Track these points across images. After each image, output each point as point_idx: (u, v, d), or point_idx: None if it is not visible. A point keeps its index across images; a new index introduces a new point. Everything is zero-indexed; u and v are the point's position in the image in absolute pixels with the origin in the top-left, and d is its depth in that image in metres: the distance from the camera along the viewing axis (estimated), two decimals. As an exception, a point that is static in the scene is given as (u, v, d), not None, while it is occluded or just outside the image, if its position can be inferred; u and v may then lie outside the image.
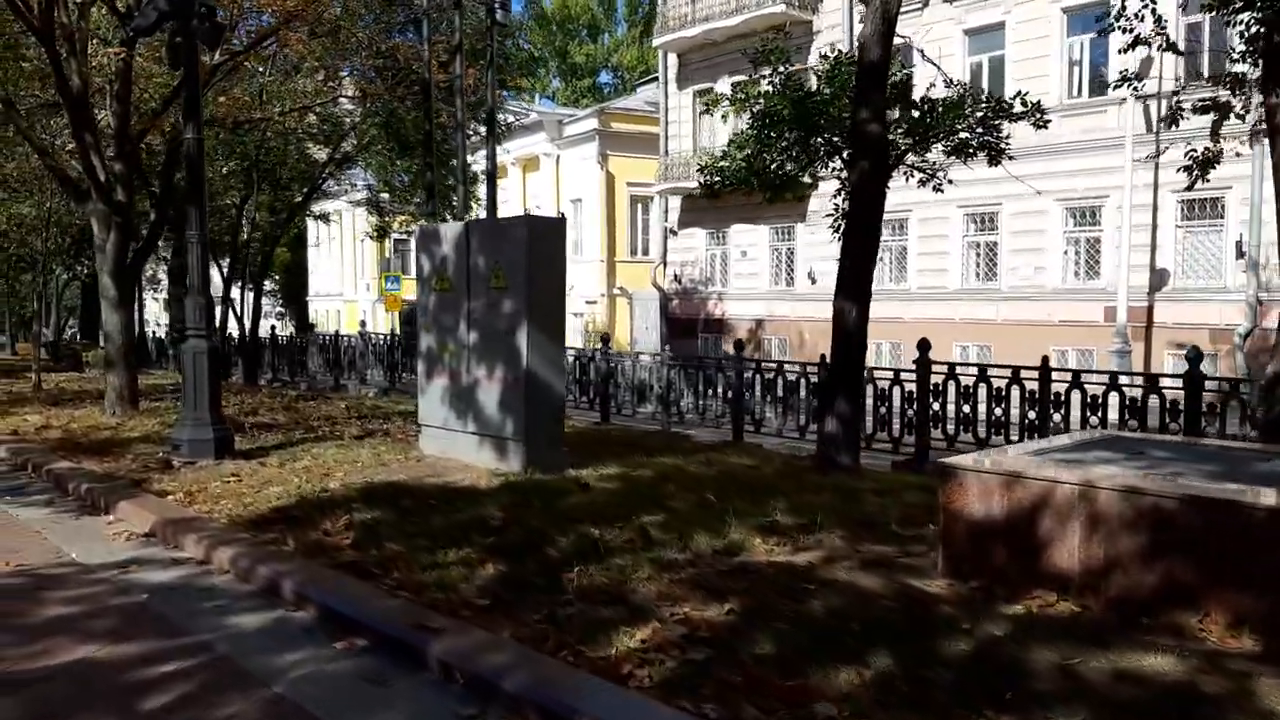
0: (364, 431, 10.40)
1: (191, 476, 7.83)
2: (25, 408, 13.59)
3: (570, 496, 6.75)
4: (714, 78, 30.01)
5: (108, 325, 12.18)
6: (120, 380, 12.12)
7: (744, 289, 28.95)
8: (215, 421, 8.57)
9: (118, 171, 11.81)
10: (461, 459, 8.54)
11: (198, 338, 8.54)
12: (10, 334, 43.82)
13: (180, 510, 6.63)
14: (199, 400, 8.49)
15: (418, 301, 9.18)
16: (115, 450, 9.32)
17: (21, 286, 32.33)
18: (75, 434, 10.52)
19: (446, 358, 8.78)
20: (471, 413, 8.49)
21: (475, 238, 8.44)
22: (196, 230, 8.53)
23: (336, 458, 8.66)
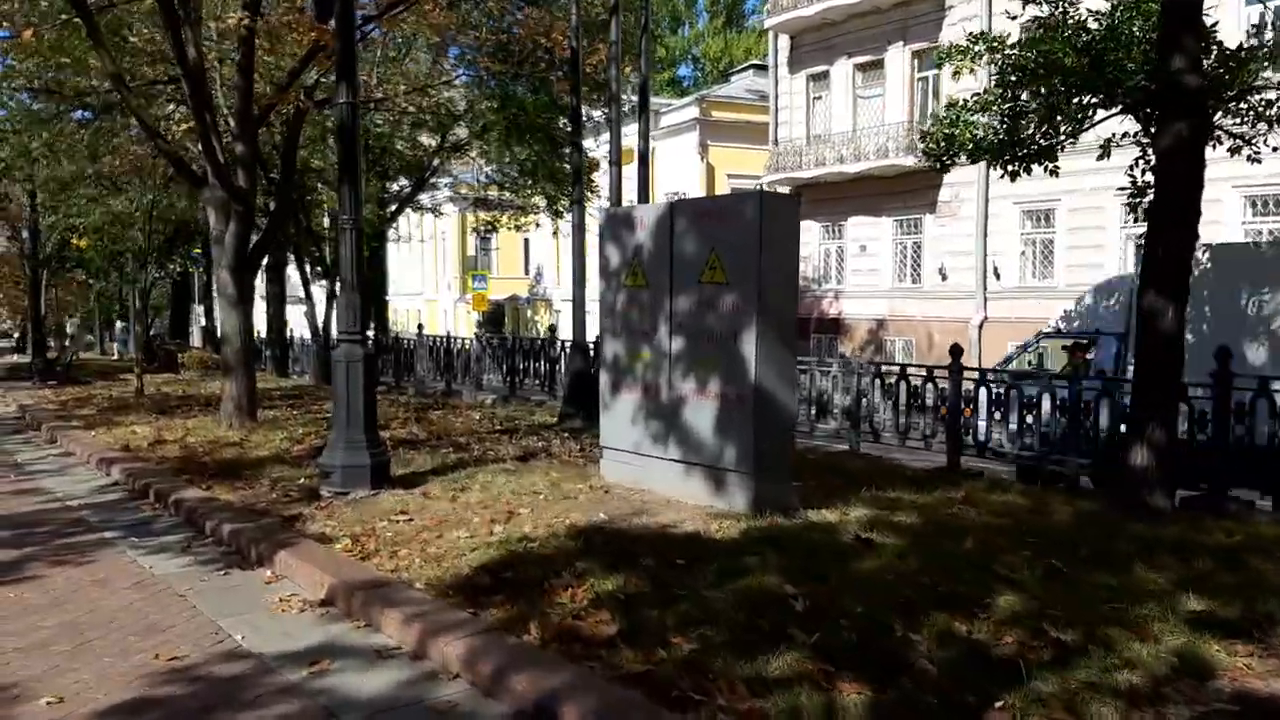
0: (523, 451, 8.92)
1: (351, 514, 6.41)
2: (131, 416, 12.48)
3: (858, 559, 5.11)
4: (830, 60, 28.16)
5: (225, 326, 10.95)
6: (238, 388, 10.87)
7: (863, 286, 27.01)
8: (371, 444, 7.15)
9: (238, 153, 10.55)
10: (659, 491, 6.99)
11: (351, 343, 7.13)
12: (100, 334, 43.98)
13: (357, 566, 5.17)
14: (353, 419, 7.07)
15: (601, 301, 7.65)
16: (247, 474, 7.99)
17: (109, 285, 32.18)
18: (195, 451, 9.26)
19: (639, 368, 7.22)
20: (674, 435, 6.92)
21: (682, 221, 6.86)
22: (350, 213, 7.12)
23: (511, 488, 7.17)
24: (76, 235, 31.31)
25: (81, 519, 6.93)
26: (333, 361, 7.20)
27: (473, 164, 20.10)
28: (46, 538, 6.33)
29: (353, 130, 7.13)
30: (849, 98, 27.79)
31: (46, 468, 9.29)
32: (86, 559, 5.79)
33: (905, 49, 26.16)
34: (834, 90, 28.22)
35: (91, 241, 30.64)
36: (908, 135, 25.24)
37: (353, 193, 7.17)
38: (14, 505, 7.49)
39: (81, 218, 27.10)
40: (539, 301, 45.19)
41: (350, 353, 7.12)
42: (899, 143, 25.48)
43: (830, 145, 27.50)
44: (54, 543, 6.20)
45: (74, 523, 6.81)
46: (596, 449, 9.10)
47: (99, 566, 5.61)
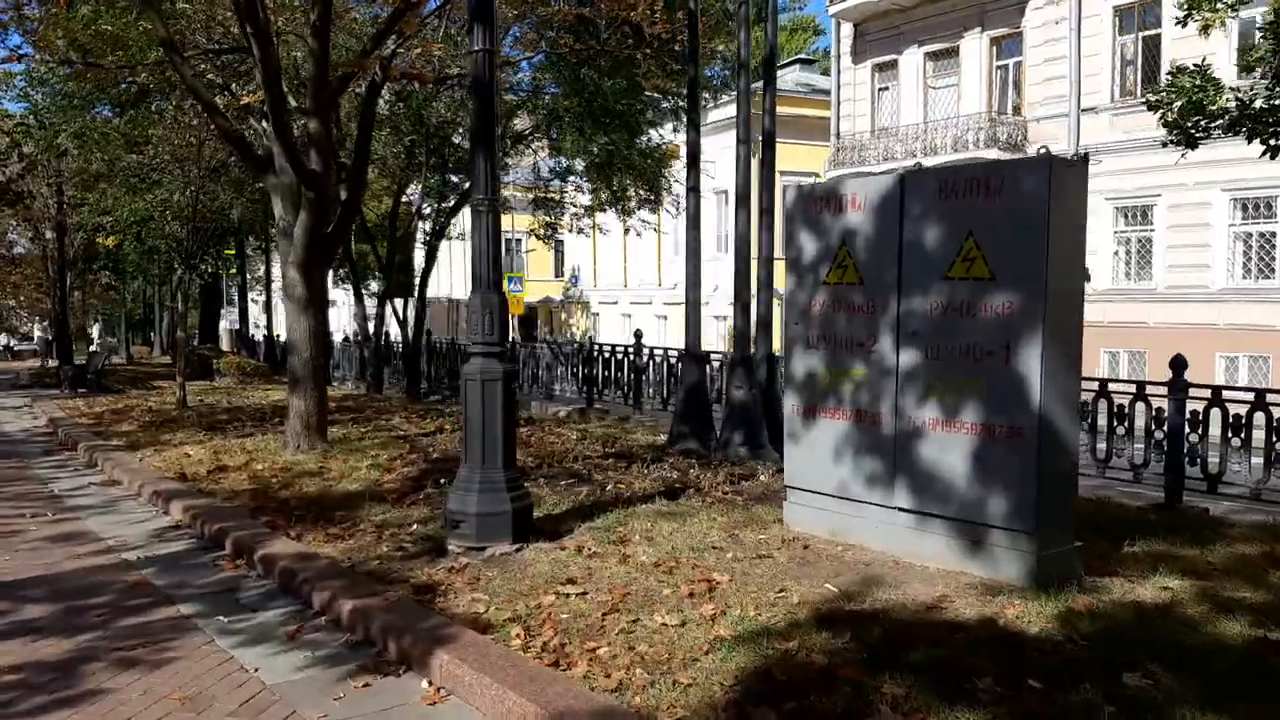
0: (662, 485, 7.36)
1: (502, 582, 4.88)
2: (178, 433, 11.01)
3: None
4: (898, 49, 26.54)
5: (293, 333, 9.44)
6: (307, 404, 9.37)
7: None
8: (512, 485, 5.61)
9: (311, 131, 9.06)
10: (874, 548, 5.47)
11: (488, 356, 5.59)
12: (126, 337, 42.70)
13: (558, 681, 3.62)
14: (489, 453, 5.54)
15: (787, 300, 6.11)
16: (341, 516, 6.47)
17: (146, 284, 30.87)
18: (268, 483, 7.75)
19: (847, 389, 5.67)
20: (904, 478, 5.37)
21: (919, 196, 5.31)
22: (486, 191, 5.59)
23: (682, 540, 5.65)
24: (104, 234, 30.07)
25: (146, 582, 5.42)
26: (463, 379, 5.67)
27: (534, 157, 18.55)
28: (105, 616, 4.82)
29: (489, 84, 5.60)
30: (919, 88, 26.17)
31: (89, 501, 7.81)
32: (165, 653, 4.27)
33: (983, 35, 24.51)
34: (902, 80, 26.61)
35: (118, 240, 29.38)
36: (990, 126, 23.62)
37: (488, 164, 5.64)
38: (57, 559, 5.99)
39: (110, 215, 25.82)
40: (574, 304, 43.68)
41: (487, 369, 5.58)
42: (977, 135, 23.85)
43: (898, 139, 25.89)
44: (116, 624, 4.69)
45: (137, 589, 5.30)
46: (747, 482, 7.56)
47: (184, 669, 4.09)
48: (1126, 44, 22.08)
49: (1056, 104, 22.92)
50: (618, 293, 38.73)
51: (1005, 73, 24.61)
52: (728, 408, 9.53)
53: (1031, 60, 23.59)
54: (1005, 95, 24.65)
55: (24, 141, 29.22)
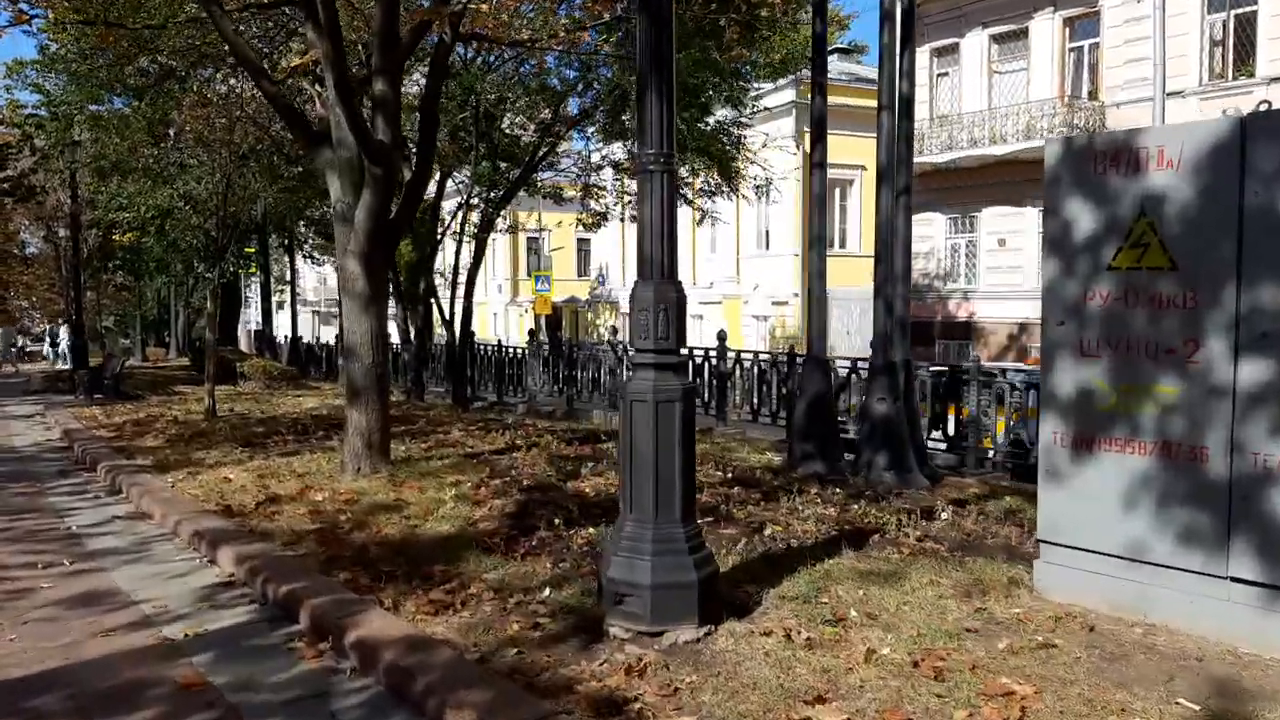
0: (836, 527, 5.88)
1: (715, 698, 3.42)
2: (212, 451, 9.57)
3: None
4: (960, 31, 25.00)
5: (351, 336, 7.97)
6: (369, 419, 7.89)
7: (1001, 286, 23.79)
8: (693, 543, 4.12)
9: (376, 94, 7.59)
10: (1194, 630, 4.03)
11: (663, 368, 4.10)
12: (141, 337, 41.36)
13: None
14: (665, 499, 4.05)
15: (1046, 291, 4.60)
16: (442, 572, 5.00)
17: (171, 281, 29.43)
18: (334, 520, 6.27)
19: (1148, 411, 4.18)
20: (1252, 538, 3.90)
21: (1273, 148, 3.81)
22: (660, 145, 4.10)
23: (924, 620, 4.18)
24: (120, 230, 28.70)
25: (200, 681, 3.94)
26: (625, 398, 4.17)
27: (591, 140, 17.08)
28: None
29: (666, 11, 4.11)
30: (983, 73, 24.61)
31: (115, 544, 6.35)
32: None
33: (1055, 15, 22.93)
34: (964, 65, 25.06)
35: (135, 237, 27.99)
36: (1066, 112, 22.05)
37: (663, 107, 4.15)
38: (77, 637, 4.52)
39: (127, 211, 24.44)
40: (601, 304, 42.15)
41: (663, 386, 4.08)
42: (1050, 121, 22.27)
43: (961, 126, 24.33)
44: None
45: (190, 694, 3.83)
46: (929, 521, 6.04)
47: None
48: (1216, 23, 20.49)
49: (1138, 88, 21.31)
50: (650, 292, 37.19)
51: (1079, 55, 23.03)
52: (866, 423, 8.03)
53: (1110, 42, 22.02)
54: (1079, 79, 23.08)
55: (35, 134, 27.96)
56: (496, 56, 14.52)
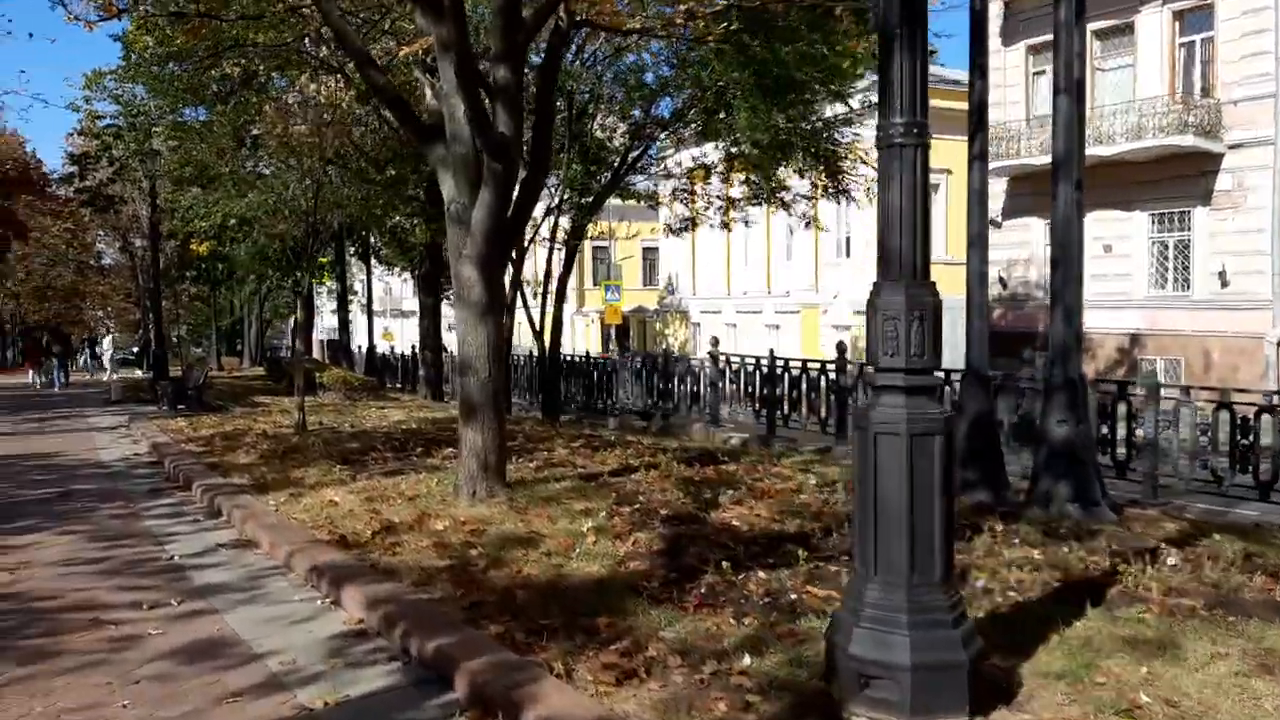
0: (1057, 578, 4.99)
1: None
2: (310, 469, 8.99)
3: None
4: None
5: (466, 348, 7.30)
6: (485, 438, 7.21)
7: (1107, 294, 22.46)
8: (956, 610, 3.31)
9: (497, 81, 6.91)
10: None
11: (915, 391, 3.29)
12: (216, 347, 41.69)
13: None
14: (922, 557, 3.26)
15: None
16: (607, 626, 4.26)
17: (261, 288, 29.61)
18: (463, 555, 5.57)
19: None
20: None
21: None
22: (911, 113, 3.32)
23: (1245, 713, 3.29)
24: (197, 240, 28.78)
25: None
26: (868, 428, 3.37)
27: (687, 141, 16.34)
28: None
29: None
30: (1085, 71, 23.38)
31: (224, 578, 5.73)
32: None
33: (1164, 9, 21.64)
34: (1064, 62, 23.85)
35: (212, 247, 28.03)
36: (1181, 110, 20.75)
37: (915, 66, 3.36)
38: (198, 703, 3.86)
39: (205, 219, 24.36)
40: (671, 314, 41.36)
41: (918, 415, 3.28)
42: (1161, 120, 20.99)
43: (1061, 127, 23.12)
44: None
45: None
46: (1157, 568, 5.11)
47: None
48: (1345, 12, 19.07)
49: (1257, 84, 19.97)
50: (720, 301, 36.35)
51: (1190, 50, 21.69)
52: (1044, 448, 7.10)
53: (1225, 35, 20.67)
54: (1190, 76, 21.74)
55: (114, 144, 28.19)
56: (591, 54, 13.89)
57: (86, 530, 7.14)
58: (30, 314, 57.30)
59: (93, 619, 4.89)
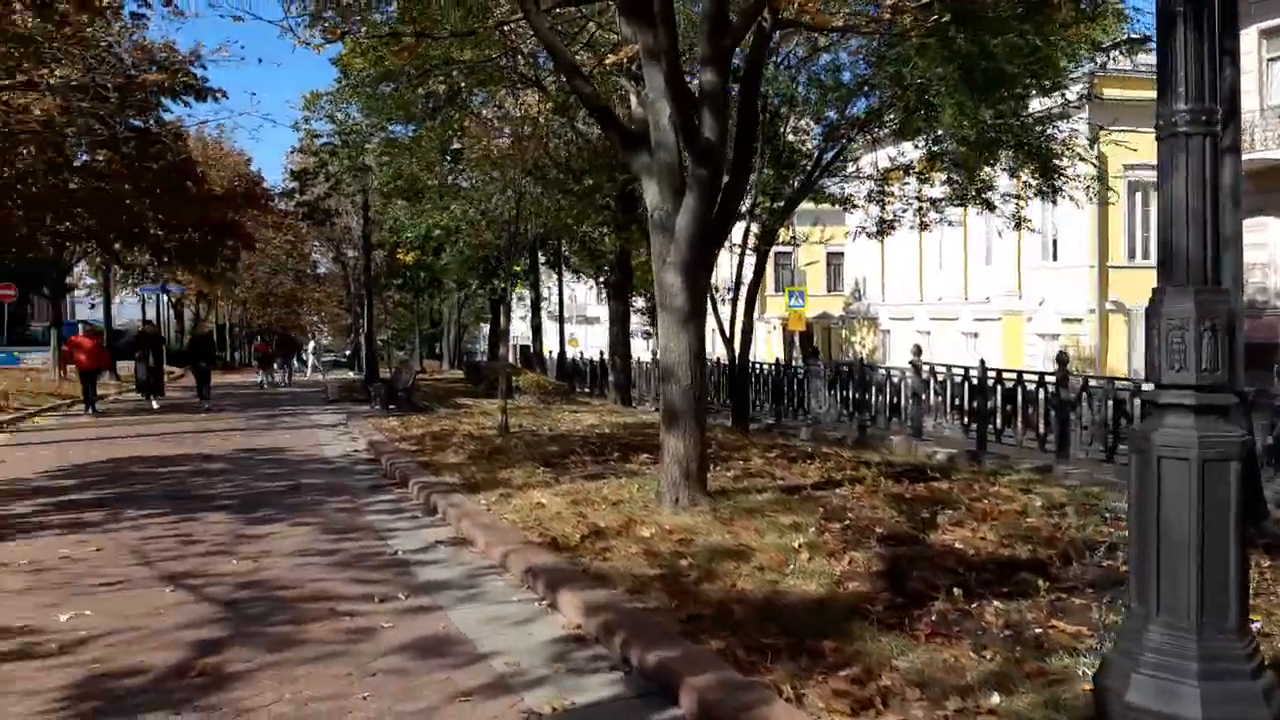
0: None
1: None
2: (515, 470, 9.25)
3: None
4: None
5: (668, 355, 7.28)
6: (687, 446, 7.16)
7: (1363, 300, 19.99)
8: (1253, 660, 2.91)
9: (705, 86, 6.86)
10: None
11: (1206, 411, 2.93)
12: (419, 351, 44.25)
13: None
14: (1214, 600, 2.85)
15: None
16: (833, 650, 4.07)
17: (453, 299, 31.38)
18: (673, 564, 5.51)
19: None
20: None
21: None
22: (1199, 99, 2.95)
23: None
24: (403, 250, 30.54)
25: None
26: (1139, 452, 3.02)
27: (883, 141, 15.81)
28: None
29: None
30: None
31: (444, 575, 5.92)
32: None
33: None
34: (1313, 44, 21.49)
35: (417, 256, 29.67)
36: None
37: (1201, 50, 3.00)
38: (432, 699, 3.96)
39: (410, 231, 25.77)
40: (858, 320, 40.26)
41: (1211, 439, 2.92)
42: None
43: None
44: None
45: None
46: None
47: None
48: None
49: None
50: (912, 307, 35.00)
51: None
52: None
53: None
54: None
55: (330, 161, 30.38)
56: (784, 56, 13.66)
57: (317, 523, 7.60)
58: (254, 319, 62.82)
59: (329, 609, 5.15)
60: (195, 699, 3.91)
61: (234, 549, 6.67)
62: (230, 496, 8.95)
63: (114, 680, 4.15)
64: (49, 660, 4.40)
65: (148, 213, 23.75)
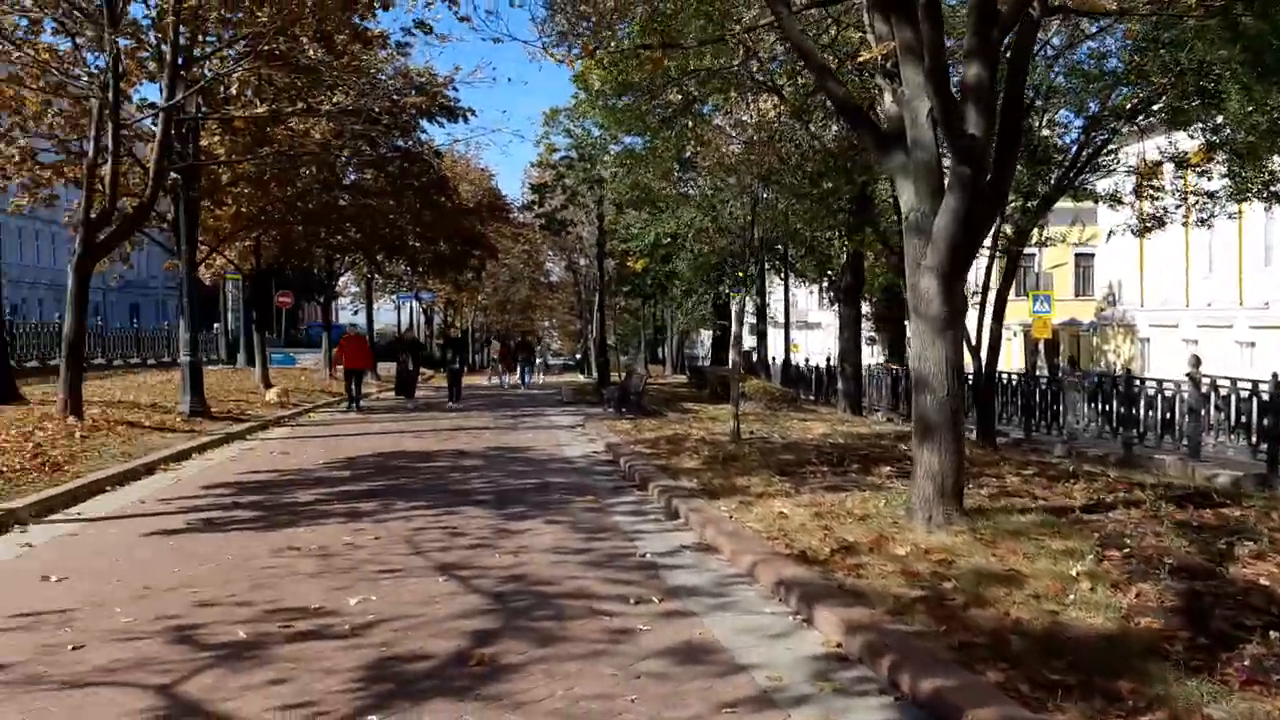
0: None
1: None
2: (751, 477, 9.22)
3: None
4: None
5: (923, 363, 6.95)
6: (941, 461, 6.79)
7: None
8: None
9: (970, 80, 6.51)
10: None
11: None
12: (644, 355, 45.37)
13: None
14: None
15: None
16: (1125, 685, 3.73)
17: (687, 306, 31.98)
18: (935, 586, 5.22)
19: None
20: None
21: None
22: None
23: None
24: (633, 258, 31.39)
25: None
26: None
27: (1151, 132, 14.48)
28: None
29: None
30: None
31: (693, 581, 5.94)
32: None
33: None
34: None
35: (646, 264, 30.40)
36: None
37: None
38: (697, 709, 3.94)
39: (639, 239, 26.40)
40: (1111, 327, 37.10)
41: None
42: None
43: None
44: None
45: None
46: None
47: None
48: None
49: None
50: (1176, 313, 31.82)
51: None
52: None
53: None
54: None
55: (566, 174, 31.77)
56: (1042, 45, 12.79)
57: (567, 521, 7.88)
58: (493, 324, 66.76)
59: (588, 608, 5.29)
60: (476, 688, 4.11)
61: (495, 543, 7.02)
62: (486, 492, 9.47)
63: (401, 664, 4.44)
64: (343, 641, 4.79)
65: (408, 226, 25.77)
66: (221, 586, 5.84)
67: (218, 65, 15.90)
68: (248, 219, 21.47)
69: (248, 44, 14.80)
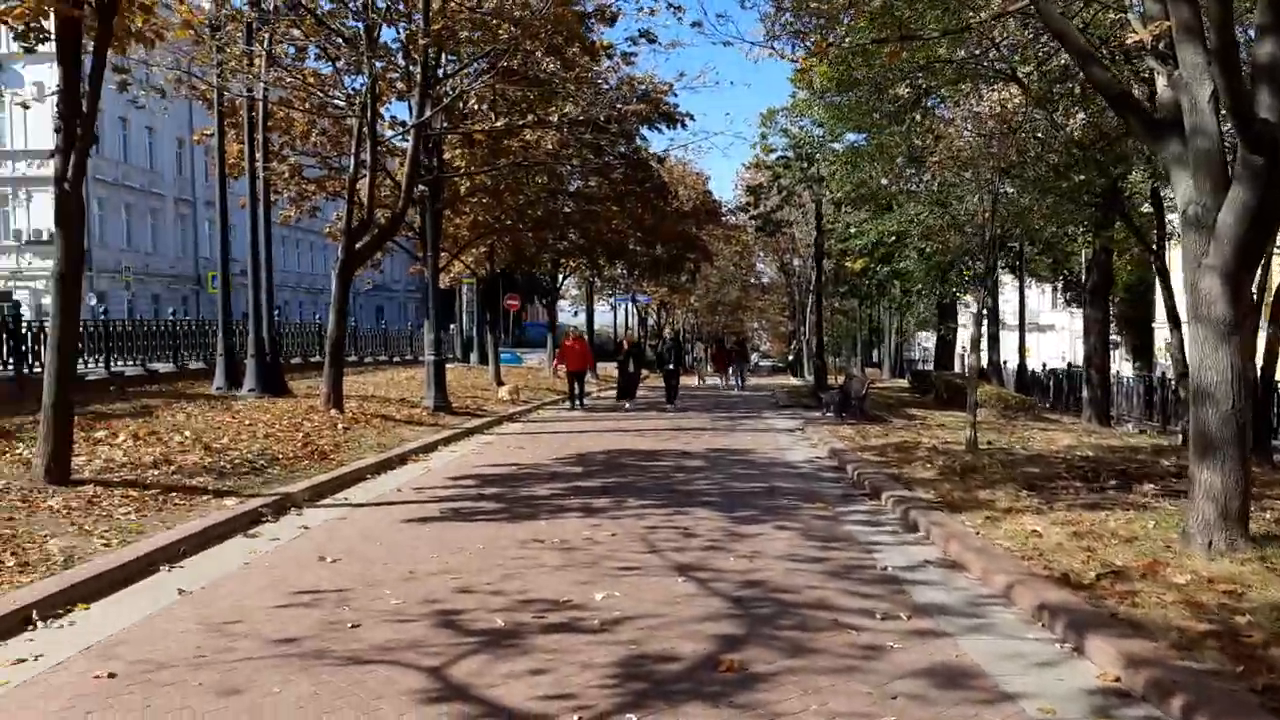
0: None
1: None
2: (996, 490, 8.75)
3: None
4: None
5: (1204, 372, 6.29)
6: (1224, 480, 6.12)
7: None
8: None
9: (1261, 59, 5.82)
10: None
11: None
12: (860, 358, 44.17)
13: None
14: None
15: None
16: None
17: (919, 308, 30.91)
18: (1227, 621, 4.70)
19: None
20: None
21: None
22: None
23: None
24: (852, 258, 30.63)
25: None
26: None
27: None
28: None
29: None
30: None
31: (942, 599, 5.66)
32: None
33: None
34: None
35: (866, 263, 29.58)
36: None
37: None
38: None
39: (859, 238, 25.70)
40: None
41: None
42: None
43: None
44: None
45: None
46: None
47: None
48: None
49: None
50: None
51: None
52: None
53: None
54: None
55: (783, 174, 31.45)
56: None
57: (797, 528, 7.74)
58: (704, 325, 67.29)
59: (833, 620, 5.15)
60: (730, 695, 4.09)
61: (728, 546, 7.01)
62: (712, 494, 9.50)
63: (651, 663, 4.50)
64: (593, 635, 4.91)
65: (628, 231, 26.44)
66: (476, 574, 6.17)
67: (459, 83, 16.94)
68: (483, 227, 22.76)
69: (488, 61, 15.67)
